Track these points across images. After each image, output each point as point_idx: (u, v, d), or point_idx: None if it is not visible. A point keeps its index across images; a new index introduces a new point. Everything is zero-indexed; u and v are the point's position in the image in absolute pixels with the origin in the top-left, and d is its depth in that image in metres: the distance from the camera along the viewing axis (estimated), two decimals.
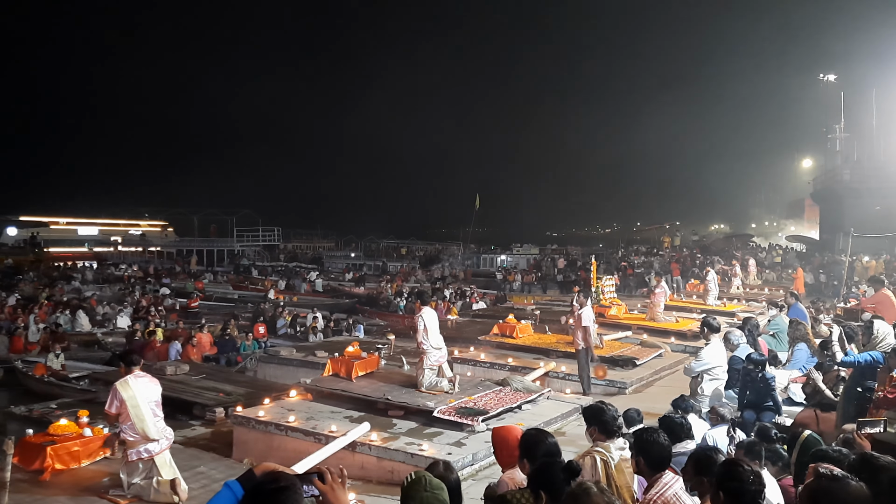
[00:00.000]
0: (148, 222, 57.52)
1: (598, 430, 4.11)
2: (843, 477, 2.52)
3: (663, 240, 53.43)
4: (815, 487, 2.53)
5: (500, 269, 36.92)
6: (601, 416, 4.12)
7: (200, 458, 7.70)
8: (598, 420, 4.13)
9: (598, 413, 4.14)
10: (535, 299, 25.37)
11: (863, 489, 2.46)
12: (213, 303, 27.36)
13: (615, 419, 4.15)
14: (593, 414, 4.16)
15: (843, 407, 6.26)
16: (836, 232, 30.60)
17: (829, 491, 2.47)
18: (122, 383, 6.09)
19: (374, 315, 23.92)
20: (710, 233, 67.85)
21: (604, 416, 4.12)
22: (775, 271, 29.22)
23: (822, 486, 2.51)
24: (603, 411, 4.13)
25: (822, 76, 41.25)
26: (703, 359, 7.62)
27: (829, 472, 2.54)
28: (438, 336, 9.26)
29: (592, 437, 4.13)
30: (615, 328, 15.00)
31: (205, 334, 16.79)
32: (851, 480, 2.49)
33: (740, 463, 3.03)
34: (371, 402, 8.87)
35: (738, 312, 16.03)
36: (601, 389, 10.63)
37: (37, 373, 13.92)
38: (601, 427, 4.11)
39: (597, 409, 4.18)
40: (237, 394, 11.42)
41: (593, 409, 4.20)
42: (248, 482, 2.23)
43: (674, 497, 3.42)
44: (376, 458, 7.32)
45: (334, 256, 51.26)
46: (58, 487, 6.43)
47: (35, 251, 41.96)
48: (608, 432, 4.09)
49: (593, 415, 4.16)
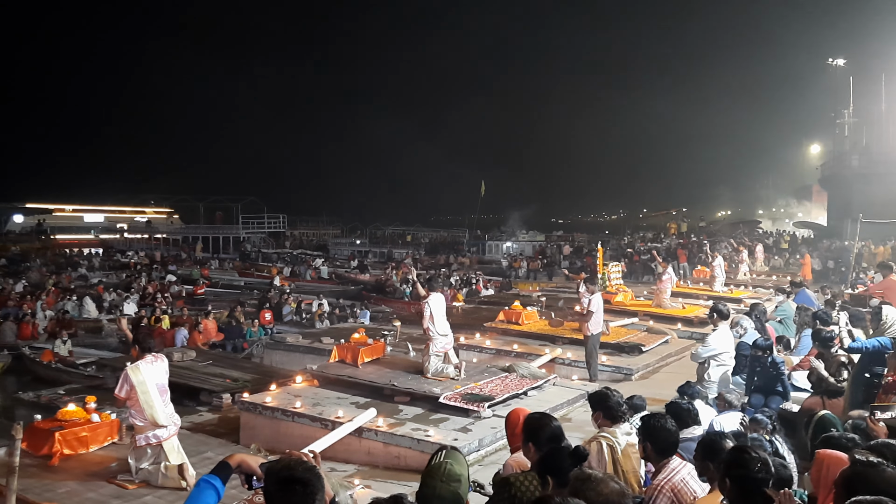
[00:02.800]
0: (154, 209, 57.73)
1: (602, 416, 4.17)
2: (880, 463, 2.50)
3: (670, 226, 53.33)
4: (850, 473, 2.51)
5: (506, 256, 36.90)
6: (606, 402, 4.18)
7: (208, 443, 7.73)
8: (602, 405, 4.19)
9: (603, 398, 4.20)
10: (541, 286, 25.35)
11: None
12: (219, 289, 27.48)
13: (620, 405, 4.19)
14: (598, 399, 4.22)
15: (851, 392, 6.23)
16: (844, 218, 30.39)
17: (866, 477, 2.45)
18: (132, 368, 6.10)
19: (380, 302, 23.96)
20: (717, 219, 67.62)
21: (608, 402, 4.17)
22: (782, 257, 29.12)
23: (857, 471, 2.49)
24: (608, 397, 4.19)
25: (830, 61, 40.83)
26: (710, 345, 7.59)
27: (864, 458, 2.53)
28: (445, 322, 9.24)
29: (598, 423, 4.17)
30: (621, 315, 14.96)
31: (211, 321, 16.85)
32: (888, 467, 2.47)
33: (748, 450, 3.01)
34: (377, 389, 8.88)
35: (745, 299, 15.97)
36: (607, 376, 10.61)
37: (44, 359, 14.02)
38: (606, 412, 4.17)
39: (602, 394, 4.24)
40: (244, 380, 11.47)
41: (598, 394, 4.27)
42: (225, 475, 2.24)
43: (681, 482, 3.41)
44: (383, 444, 7.33)
45: (340, 243, 51.33)
46: (66, 472, 6.47)
47: (41, 238, 42.14)
48: (613, 417, 4.15)
49: (598, 400, 4.22)
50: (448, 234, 56.75)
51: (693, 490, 3.39)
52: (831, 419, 4.50)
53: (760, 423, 4.82)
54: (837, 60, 40.39)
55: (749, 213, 68.02)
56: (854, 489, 2.43)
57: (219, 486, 2.20)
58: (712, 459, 3.28)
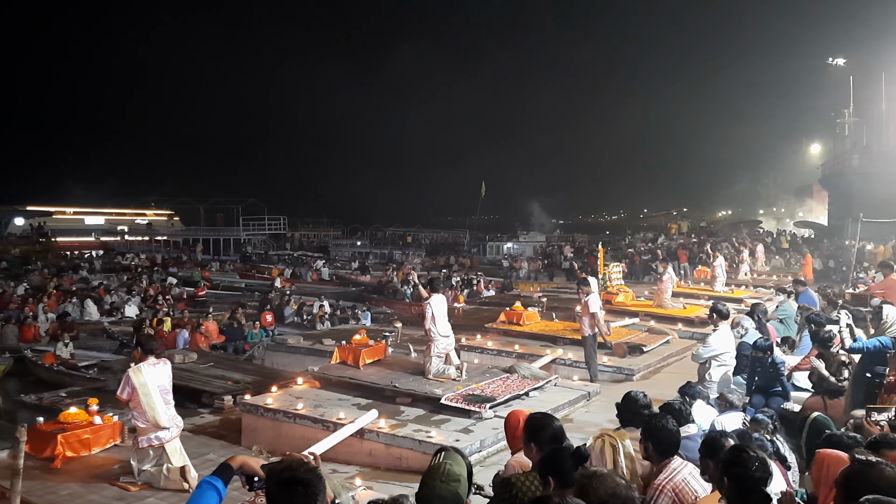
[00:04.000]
0: (154, 211, 57.74)
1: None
2: (879, 462, 2.51)
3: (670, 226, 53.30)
4: (850, 472, 2.52)
5: (507, 257, 36.89)
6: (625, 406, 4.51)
7: (209, 445, 7.75)
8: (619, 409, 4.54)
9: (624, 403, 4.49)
10: (542, 286, 25.35)
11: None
12: (220, 291, 27.50)
13: (627, 409, 4.44)
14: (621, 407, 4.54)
15: (852, 392, 6.24)
16: (844, 217, 30.40)
17: (865, 476, 2.46)
18: (134, 370, 6.12)
19: (381, 303, 23.98)
20: (717, 219, 67.57)
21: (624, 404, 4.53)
22: (783, 257, 29.11)
23: (856, 470, 2.50)
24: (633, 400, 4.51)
25: (830, 60, 40.78)
26: (711, 345, 7.60)
27: (864, 458, 2.54)
28: (446, 323, 9.25)
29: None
30: (622, 315, 14.97)
31: (212, 323, 16.87)
32: (887, 466, 2.48)
33: (746, 449, 3.02)
34: (379, 390, 8.89)
35: (746, 299, 15.97)
36: (608, 376, 10.61)
37: (46, 362, 14.04)
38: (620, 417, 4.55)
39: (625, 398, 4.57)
40: (245, 382, 11.48)
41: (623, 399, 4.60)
42: (227, 476, 2.25)
43: (683, 482, 3.42)
44: (384, 445, 7.34)
45: (340, 245, 51.35)
46: (69, 474, 6.49)
47: (42, 241, 42.14)
48: (623, 421, 4.41)
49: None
50: (449, 234, 56.77)
51: (694, 490, 3.40)
52: (824, 421, 4.50)
53: (761, 423, 4.83)
54: (837, 60, 40.34)
55: (750, 212, 67.92)
56: (853, 488, 2.44)
57: (220, 488, 2.21)
58: (713, 458, 3.30)
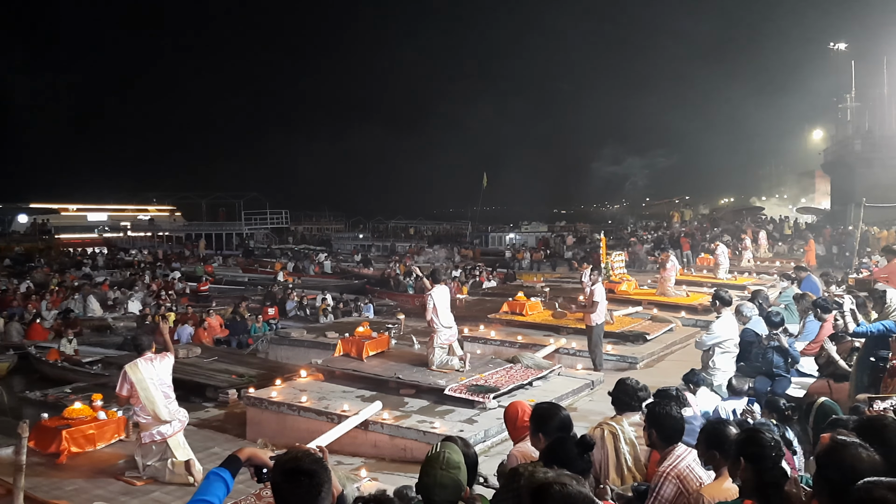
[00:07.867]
0: (156, 207, 57.70)
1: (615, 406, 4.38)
2: (853, 443, 2.51)
3: (673, 214, 53.18)
4: (822, 451, 2.54)
5: (509, 248, 36.87)
6: (615, 390, 4.40)
7: (214, 439, 7.78)
8: (612, 394, 4.40)
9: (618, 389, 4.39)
10: (545, 276, 25.33)
11: (872, 456, 2.44)
12: (223, 286, 27.48)
13: (627, 394, 4.32)
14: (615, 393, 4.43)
15: (856, 377, 6.23)
16: (847, 203, 30.25)
17: (838, 456, 2.47)
18: (131, 366, 6.15)
19: (384, 295, 23.96)
20: (720, 206, 67.39)
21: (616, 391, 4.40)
22: (786, 244, 29.03)
23: (828, 449, 2.52)
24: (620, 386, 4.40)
25: (832, 45, 40.51)
26: (715, 332, 7.58)
27: (840, 439, 2.55)
28: (449, 314, 9.23)
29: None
30: (625, 304, 14.95)
31: (215, 317, 16.89)
32: (861, 447, 2.48)
33: (760, 430, 3.03)
34: (382, 382, 8.89)
35: (749, 286, 15.92)
36: (612, 365, 10.61)
37: (50, 358, 14.05)
38: (615, 403, 4.38)
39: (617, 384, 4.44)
40: (249, 375, 11.50)
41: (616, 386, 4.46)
42: (234, 468, 2.25)
43: (686, 469, 3.41)
44: (389, 437, 7.35)
45: (343, 238, 51.31)
46: (74, 470, 6.51)
47: (45, 238, 42.19)
48: (620, 406, 4.32)
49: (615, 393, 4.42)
50: (451, 226, 56.69)
51: (699, 476, 3.40)
52: (831, 406, 4.49)
53: (776, 409, 4.80)
54: (839, 45, 40.05)
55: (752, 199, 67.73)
56: (824, 465, 2.48)
57: (228, 479, 2.21)
58: (717, 447, 3.28)
